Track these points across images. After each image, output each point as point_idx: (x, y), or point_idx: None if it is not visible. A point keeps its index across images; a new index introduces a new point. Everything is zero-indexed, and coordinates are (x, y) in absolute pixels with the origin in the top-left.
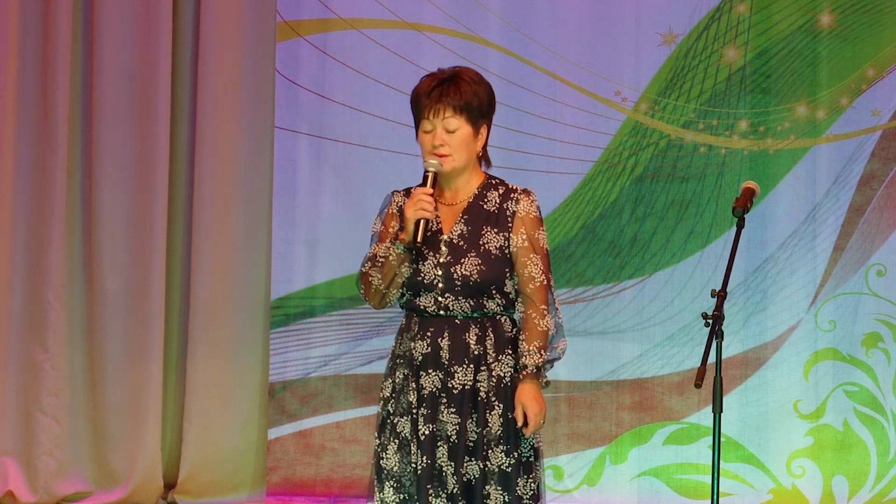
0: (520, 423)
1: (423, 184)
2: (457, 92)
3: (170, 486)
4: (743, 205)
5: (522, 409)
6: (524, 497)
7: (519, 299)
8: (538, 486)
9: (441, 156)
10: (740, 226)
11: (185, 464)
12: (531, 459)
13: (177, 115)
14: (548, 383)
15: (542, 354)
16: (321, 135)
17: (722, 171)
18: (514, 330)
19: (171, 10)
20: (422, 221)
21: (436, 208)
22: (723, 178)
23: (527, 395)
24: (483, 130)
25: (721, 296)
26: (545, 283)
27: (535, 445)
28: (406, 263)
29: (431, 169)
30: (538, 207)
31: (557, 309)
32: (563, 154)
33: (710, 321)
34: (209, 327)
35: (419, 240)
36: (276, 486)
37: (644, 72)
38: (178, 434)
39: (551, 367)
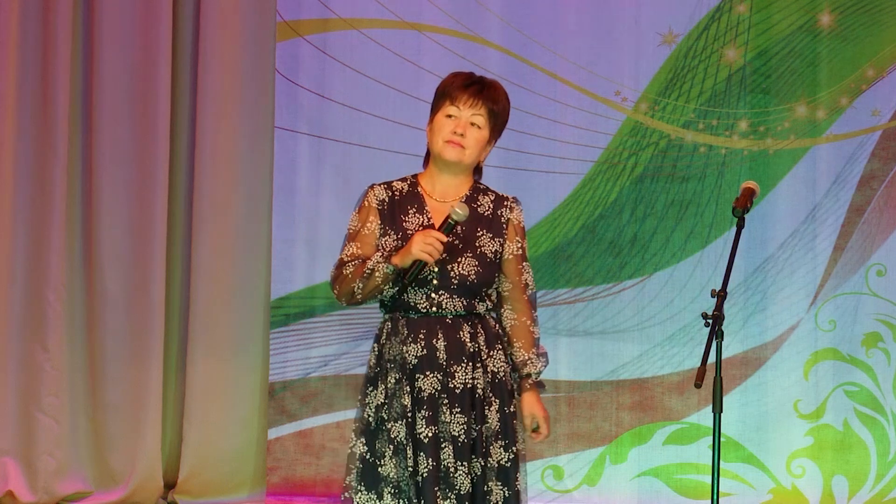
0: (529, 432)
1: (441, 227)
2: (495, 97)
3: (170, 486)
4: (743, 205)
5: (533, 419)
6: (521, 491)
7: (507, 305)
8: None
9: (456, 144)
10: (740, 226)
11: (185, 464)
12: (523, 452)
13: (177, 115)
14: (545, 388)
15: (541, 361)
16: (321, 135)
17: (722, 171)
18: (498, 326)
19: (171, 10)
20: (420, 263)
21: (424, 203)
22: (723, 178)
23: (537, 405)
24: (493, 143)
25: (721, 296)
26: (535, 291)
27: (524, 438)
28: (389, 284)
29: (456, 218)
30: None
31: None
32: (563, 154)
33: (710, 321)
34: (209, 327)
35: (407, 279)
36: (276, 486)
37: (644, 72)
38: (178, 434)
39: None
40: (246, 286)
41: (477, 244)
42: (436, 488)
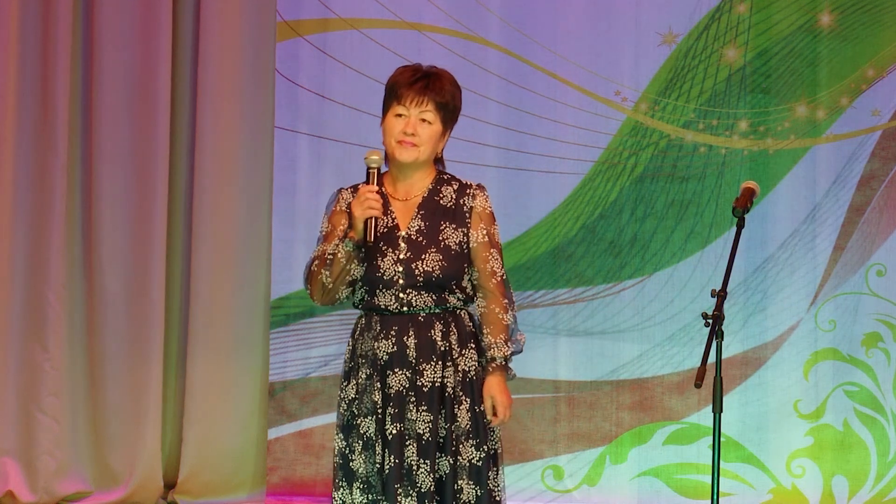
0: (489, 416)
1: (367, 181)
2: (440, 89)
3: (170, 486)
4: (743, 205)
5: (492, 402)
6: (495, 490)
7: (479, 294)
8: (504, 476)
9: (408, 143)
10: (740, 226)
11: (185, 464)
12: (498, 451)
13: (177, 115)
14: (514, 376)
15: (508, 346)
16: (321, 135)
17: (722, 171)
18: (473, 324)
19: (171, 10)
20: (371, 220)
21: (388, 204)
22: (723, 178)
23: (496, 387)
24: (447, 133)
25: (721, 296)
26: (504, 277)
27: (500, 436)
28: (355, 262)
29: (374, 165)
30: (491, 203)
31: (514, 303)
32: (563, 154)
33: (710, 321)
34: (209, 327)
35: (370, 238)
36: (276, 486)
37: (644, 72)
38: (178, 434)
39: (511, 360)
40: (246, 286)
41: (440, 237)
42: (397, 485)
